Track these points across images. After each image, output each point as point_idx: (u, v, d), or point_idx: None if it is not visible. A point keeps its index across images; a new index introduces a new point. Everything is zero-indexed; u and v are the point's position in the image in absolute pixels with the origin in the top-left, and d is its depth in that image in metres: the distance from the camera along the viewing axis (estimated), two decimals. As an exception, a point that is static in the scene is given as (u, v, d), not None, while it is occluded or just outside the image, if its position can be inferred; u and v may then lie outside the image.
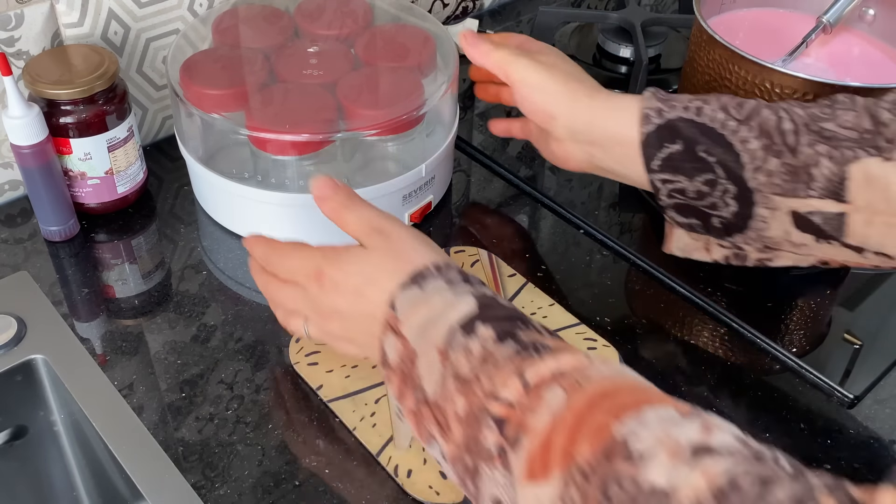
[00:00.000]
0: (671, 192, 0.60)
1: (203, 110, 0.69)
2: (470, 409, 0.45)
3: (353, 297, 0.53)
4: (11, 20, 0.70)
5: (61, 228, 0.73)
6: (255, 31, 0.77)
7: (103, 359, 0.65)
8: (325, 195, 0.56)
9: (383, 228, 0.54)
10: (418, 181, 0.73)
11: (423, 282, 0.50)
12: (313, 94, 0.70)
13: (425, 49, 0.76)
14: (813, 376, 0.66)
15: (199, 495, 0.56)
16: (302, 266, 0.55)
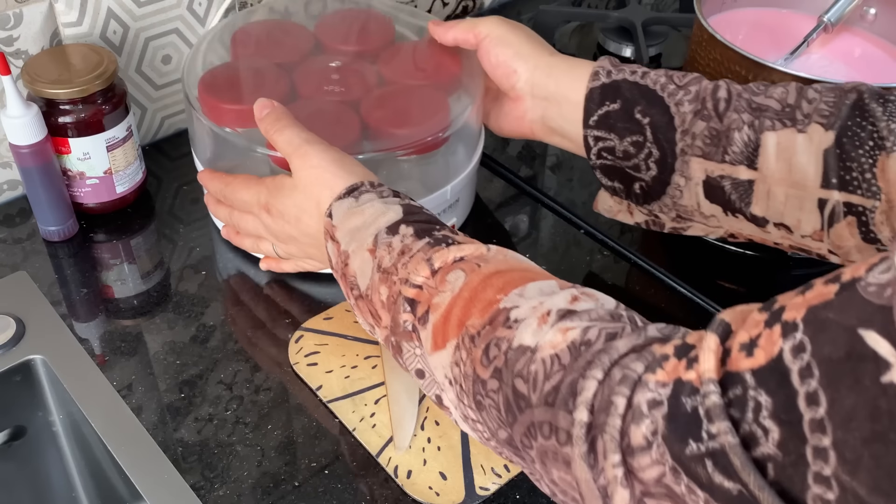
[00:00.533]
0: (601, 151, 0.63)
1: (221, 126, 0.67)
2: (390, 294, 0.51)
3: (296, 222, 0.60)
4: (10, 19, 0.70)
5: (60, 228, 0.73)
6: (275, 45, 0.75)
7: (102, 359, 0.64)
8: (260, 116, 0.62)
9: (308, 152, 0.58)
10: (443, 203, 0.71)
11: (357, 194, 0.56)
12: (335, 111, 0.69)
13: (451, 66, 0.73)
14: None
15: (198, 496, 0.55)
16: (251, 199, 0.62)
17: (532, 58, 0.66)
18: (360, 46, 0.76)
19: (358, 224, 0.54)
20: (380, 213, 0.54)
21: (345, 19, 0.80)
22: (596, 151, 0.63)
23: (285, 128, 0.60)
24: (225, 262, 0.73)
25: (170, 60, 0.82)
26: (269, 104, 0.62)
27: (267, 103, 0.62)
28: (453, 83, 0.73)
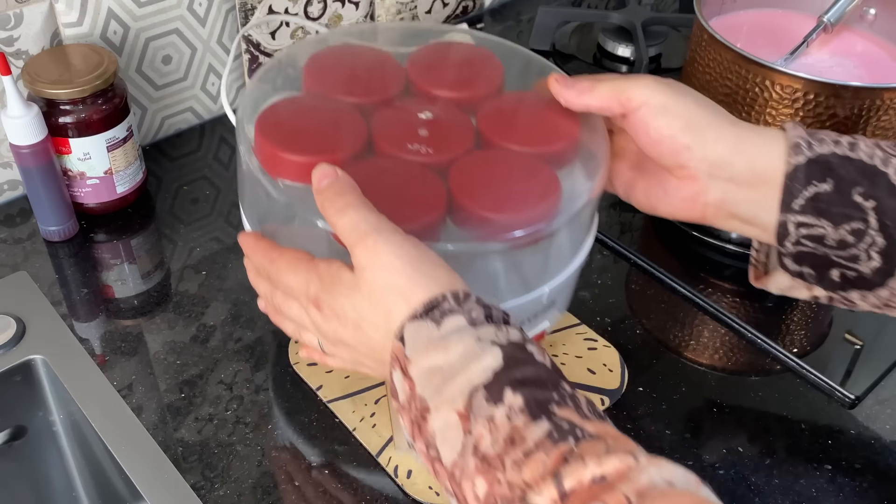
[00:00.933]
0: (803, 239, 0.51)
1: (276, 177, 0.53)
2: (491, 494, 0.39)
3: (354, 330, 0.46)
4: (10, 20, 0.70)
5: (60, 228, 0.73)
6: (355, 80, 0.60)
7: (102, 359, 0.64)
8: (318, 187, 0.48)
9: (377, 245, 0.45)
10: (535, 307, 0.56)
11: (438, 315, 0.43)
12: (418, 178, 0.53)
13: (568, 128, 0.57)
14: (814, 377, 0.65)
15: (198, 496, 0.56)
16: (299, 287, 0.48)
17: (709, 130, 0.52)
18: (459, 93, 0.60)
19: (441, 364, 0.42)
20: (472, 357, 0.41)
21: (444, 55, 0.64)
22: (795, 239, 0.51)
23: (349, 208, 0.46)
24: (224, 262, 0.73)
25: (170, 60, 0.82)
26: (331, 172, 0.48)
27: (329, 171, 0.48)
28: (569, 152, 0.57)
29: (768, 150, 0.51)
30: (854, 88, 0.66)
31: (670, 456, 0.59)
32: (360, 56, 0.63)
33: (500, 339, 0.42)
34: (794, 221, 0.51)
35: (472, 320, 0.43)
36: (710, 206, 0.54)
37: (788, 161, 0.50)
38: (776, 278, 0.56)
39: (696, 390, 0.64)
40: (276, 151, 0.53)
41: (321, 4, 0.90)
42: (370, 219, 0.46)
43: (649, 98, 0.52)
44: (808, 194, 0.50)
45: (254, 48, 0.87)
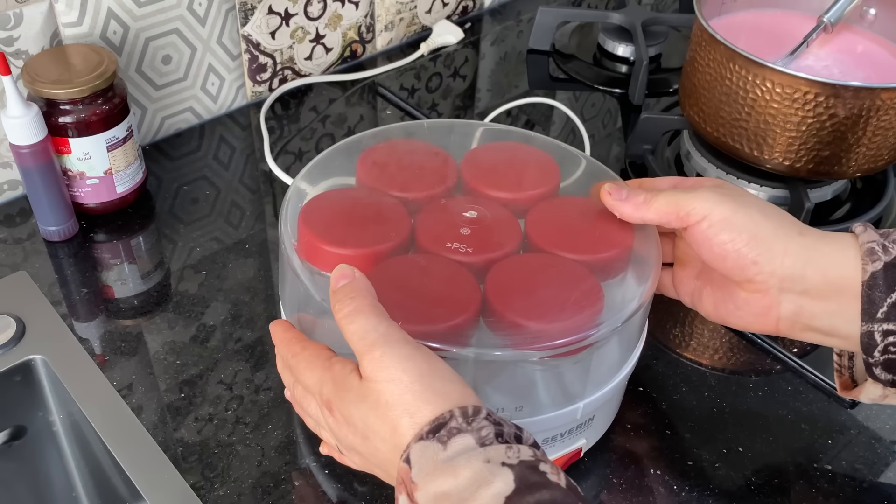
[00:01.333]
0: (891, 346, 0.48)
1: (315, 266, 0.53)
2: None
3: (363, 440, 0.45)
4: (10, 19, 0.70)
5: (60, 228, 0.73)
6: (407, 175, 0.59)
7: (102, 359, 0.64)
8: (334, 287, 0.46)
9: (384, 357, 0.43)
10: (570, 423, 0.54)
11: (445, 435, 0.40)
12: (453, 277, 0.52)
13: (620, 240, 0.55)
14: (814, 376, 0.65)
15: (198, 496, 0.56)
16: (314, 386, 0.47)
17: (777, 242, 0.49)
18: (510, 193, 0.58)
19: (449, 490, 0.39)
20: (481, 482, 0.38)
21: (501, 155, 0.62)
22: (883, 347, 0.49)
23: (359, 314, 0.44)
24: (224, 262, 0.73)
25: (170, 60, 0.82)
26: (348, 273, 0.47)
27: (347, 272, 0.47)
28: (619, 262, 0.55)
29: (841, 258, 0.49)
30: (854, 88, 0.66)
31: (670, 456, 0.59)
32: (416, 152, 0.62)
33: (510, 460, 0.39)
34: (880, 330, 0.48)
35: (480, 440, 0.40)
36: (783, 320, 0.51)
37: (864, 269, 0.48)
38: (867, 389, 0.53)
39: (696, 390, 0.64)
40: (314, 241, 0.53)
41: (321, 4, 0.90)
42: (379, 327, 0.44)
43: (710, 212, 0.50)
44: (892, 300, 0.48)
45: (254, 48, 0.87)
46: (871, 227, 0.50)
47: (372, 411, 0.43)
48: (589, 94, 0.95)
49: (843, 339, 0.51)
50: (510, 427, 0.41)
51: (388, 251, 0.53)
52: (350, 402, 0.44)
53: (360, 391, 0.44)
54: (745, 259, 0.50)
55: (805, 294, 0.50)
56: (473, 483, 0.38)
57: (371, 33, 0.98)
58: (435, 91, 0.95)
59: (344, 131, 0.88)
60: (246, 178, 0.82)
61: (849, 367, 0.55)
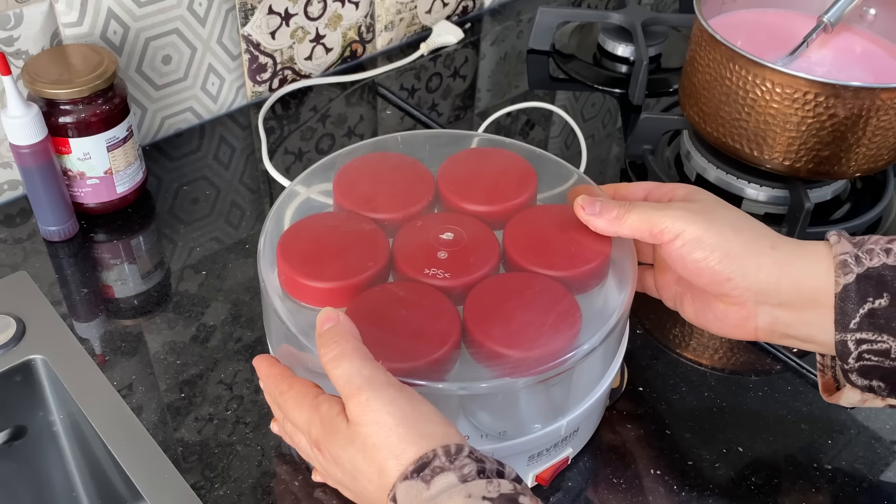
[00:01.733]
0: (865, 353, 0.49)
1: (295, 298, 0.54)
2: None
3: (351, 480, 0.46)
4: (10, 19, 0.70)
5: (60, 228, 0.73)
6: (383, 194, 0.59)
7: (102, 359, 0.64)
8: (320, 331, 0.47)
9: (369, 402, 0.44)
10: (553, 440, 0.55)
11: (429, 474, 0.41)
12: (432, 305, 0.52)
13: (596, 251, 0.55)
14: (814, 376, 0.65)
15: (198, 496, 0.56)
16: (302, 425, 0.48)
17: (749, 258, 0.50)
18: (487, 206, 0.58)
19: None
20: None
21: (476, 163, 0.62)
22: (857, 355, 0.49)
23: (344, 358, 0.45)
24: (224, 262, 0.73)
25: (170, 60, 0.82)
26: (333, 316, 0.47)
27: (332, 315, 0.47)
28: (596, 276, 0.55)
29: (814, 270, 0.50)
30: (854, 88, 0.66)
31: (670, 456, 0.59)
32: (391, 166, 0.62)
33: (490, 493, 0.40)
34: (853, 339, 0.49)
35: (462, 477, 0.41)
36: (761, 329, 0.53)
37: (837, 281, 0.49)
38: (846, 394, 0.54)
39: (696, 390, 0.64)
40: (293, 276, 0.53)
41: (321, 4, 0.90)
42: (364, 371, 0.45)
43: (682, 231, 0.50)
44: (864, 311, 0.48)
45: (254, 48, 0.87)
46: (845, 237, 0.50)
47: (359, 453, 0.44)
48: (589, 94, 0.95)
49: (820, 345, 0.52)
50: (492, 463, 0.43)
51: (366, 281, 0.53)
52: (338, 444, 0.45)
53: (347, 434, 0.45)
54: (720, 276, 0.51)
55: (780, 306, 0.51)
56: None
57: (371, 33, 0.98)
58: (435, 91, 0.95)
59: (344, 131, 0.88)
60: (246, 178, 0.82)
61: (831, 367, 0.56)
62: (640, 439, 0.61)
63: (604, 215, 0.53)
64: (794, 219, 0.73)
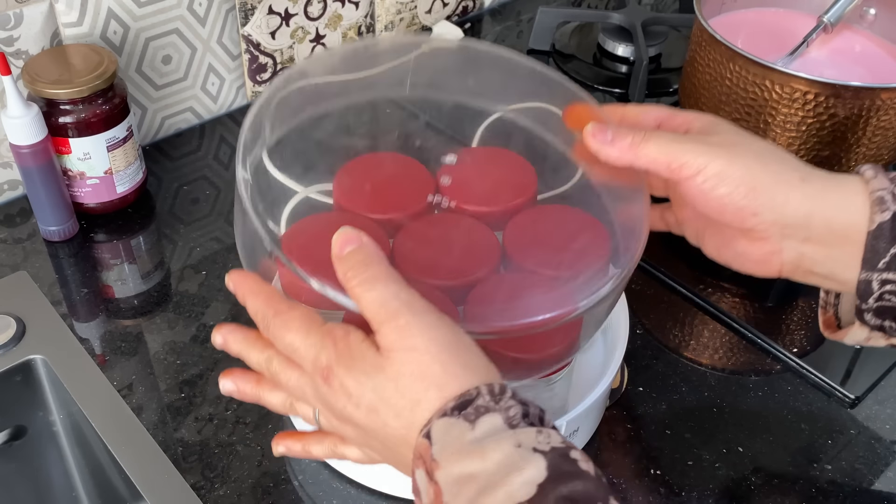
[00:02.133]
0: (886, 294, 0.47)
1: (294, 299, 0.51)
2: None
3: (368, 412, 0.41)
4: (10, 19, 0.70)
5: (60, 228, 0.73)
6: (382, 193, 0.58)
7: (102, 359, 0.64)
8: (340, 253, 0.43)
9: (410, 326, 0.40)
10: None
11: (472, 413, 0.38)
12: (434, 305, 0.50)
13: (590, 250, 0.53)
14: (814, 376, 0.65)
15: (198, 495, 0.55)
16: (307, 353, 0.42)
17: (778, 192, 0.47)
18: (486, 206, 0.57)
19: (475, 472, 0.36)
20: (512, 467, 0.36)
21: (474, 162, 0.61)
22: (878, 295, 0.47)
23: (377, 281, 0.41)
24: (224, 262, 0.73)
25: (170, 60, 0.82)
26: (355, 238, 0.43)
27: (353, 236, 0.43)
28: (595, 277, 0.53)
29: (847, 206, 0.47)
30: (854, 88, 0.66)
31: (670, 456, 0.59)
32: (390, 168, 0.61)
33: (541, 446, 0.37)
34: (878, 279, 0.46)
35: (508, 420, 0.38)
36: (786, 265, 0.50)
37: (872, 218, 0.46)
38: (853, 332, 0.51)
39: (696, 390, 0.64)
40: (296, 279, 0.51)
41: (321, 4, 0.90)
42: (401, 295, 0.41)
43: (705, 166, 0.47)
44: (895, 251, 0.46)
45: (254, 48, 0.87)
46: (881, 173, 0.47)
47: (390, 383, 0.40)
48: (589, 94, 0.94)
49: (840, 283, 0.49)
50: (535, 408, 0.39)
51: None
52: (360, 372, 0.40)
53: (375, 362, 0.40)
54: (745, 211, 0.47)
55: (808, 241, 0.48)
56: (503, 467, 0.36)
57: (371, 33, 0.98)
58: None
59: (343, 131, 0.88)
60: (246, 178, 0.82)
61: (834, 305, 0.54)
62: (640, 439, 0.61)
63: (616, 143, 0.48)
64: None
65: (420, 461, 0.39)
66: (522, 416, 0.38)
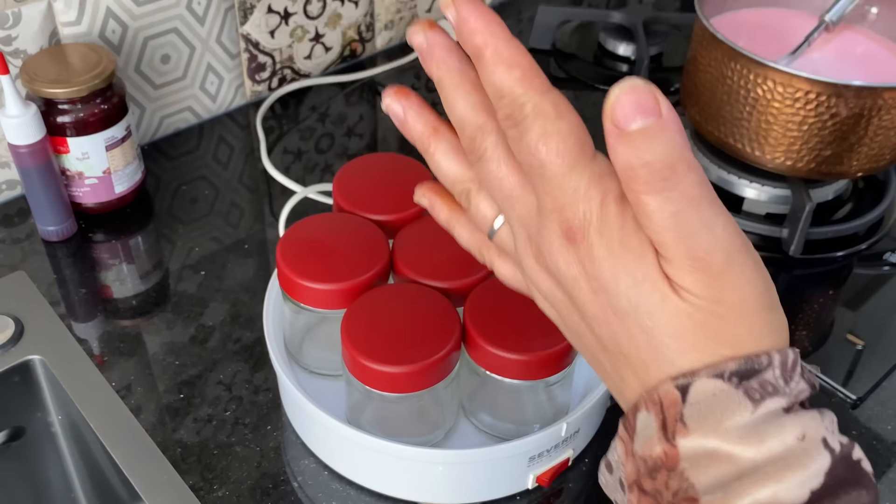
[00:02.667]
0: None
1: (295, 300, 0.55)
2: None
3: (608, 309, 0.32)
4: (9, 18, 0.70)
5: (59, 228, 0.73)
6: (383, 194, 0.59)
7: (101, 359, 0.64)
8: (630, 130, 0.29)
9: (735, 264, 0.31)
10: (553, 441, 0.54)
11: (756, 390, 0.30)
12: (432, 306, 0.52)
13: None
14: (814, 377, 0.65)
15: (197, 497, 0.55)
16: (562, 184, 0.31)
17: None
18: None
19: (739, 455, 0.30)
20: (792, 463, 0.30)
21: None
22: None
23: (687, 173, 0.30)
24: (223, 262, 0.73)
25: (169, 60, 0.82)
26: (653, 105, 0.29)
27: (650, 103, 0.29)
28: None
29: None
30: (856, 88, 0.66)
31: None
32: (390, 168, 0.62)
33: (831, 443, 0.31)
34: None
35: (791, 403, 0.31)
36: None
37: None
38: None
39: (697, 391, 0.64)
40: (294, 277, 0.53)
41: (320, 3, 0.90)
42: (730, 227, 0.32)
43: None
44: None
45: (253, 47, 0.87)
46: None
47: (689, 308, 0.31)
48: (590, 93, 0.94)
49: None
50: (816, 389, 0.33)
51: (366, 282, 0.53)
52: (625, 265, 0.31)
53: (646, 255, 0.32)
54: None
55: None
56: (780, 460, 0.30)
57: (371, 32, 0.98)
58: (435, 90, 0.94)
59: (343, 131, 0.88)
60: (245, 178, 0.82)
61: None
62: (641, 440, 0.60)
63: None
64: (795, 219, 0.73)
65: (656, 407, 0.31)
66: (809, 387, 0.32)
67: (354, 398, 0.55)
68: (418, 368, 0.49)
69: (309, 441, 0.58)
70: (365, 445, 0.53)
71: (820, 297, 0.72)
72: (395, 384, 0.50)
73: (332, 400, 0.55)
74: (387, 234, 0.57)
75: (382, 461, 0.54)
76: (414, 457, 0.52)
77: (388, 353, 0.49)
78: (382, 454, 0.53)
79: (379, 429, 0.54)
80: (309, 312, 0.55)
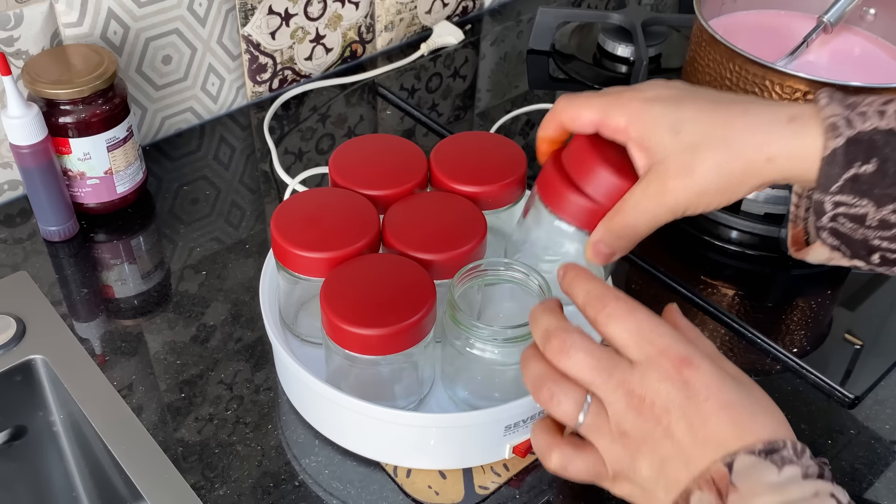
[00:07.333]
0: (839, 217, 0.48)
1: (287, 268, 0.58)
2: None
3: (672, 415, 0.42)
4: (11, 20, 0.70)
5: (60, 228, 0.73)
6: (376, 172, 0.62)
7: (102, 359, 0.64)
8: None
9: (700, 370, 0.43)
10: (528, 411, 0.56)
11: (779, 460, 0.40)
12: (409, 276, 0.55)
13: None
14: (814, 376, 0.65)
15: (198, 496, 0.56)
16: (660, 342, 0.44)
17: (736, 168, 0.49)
18: (475, 187, 0.61)
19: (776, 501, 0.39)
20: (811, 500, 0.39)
21: (468, 146, 0.65)
22: (831, 216, 0.48)
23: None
24: (225, 262, 0.73)
25: (170, 61, 0.82)
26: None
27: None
28: None
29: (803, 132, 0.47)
30: (854, 89, 0.66)
31: (670, 456, 0.59)
32: (384, 148, 0.65)
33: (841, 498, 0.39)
34: (831, 201, 0.47)
35: (806, 474, 0.40)
36: None
37: (826, 145, 0.46)
38: (815, 251, 0.53)
39: (695, 390, 0.64)
40: (287, 246, 0.56)
41: (321, 4, 0.90)
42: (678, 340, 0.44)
43: None
44: (848, 175, 0.46)
45: (254, 48, 0.87)
46: (836, 100, 0.47)
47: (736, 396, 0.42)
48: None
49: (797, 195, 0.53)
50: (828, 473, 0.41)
51: (356, 252, 0.56)
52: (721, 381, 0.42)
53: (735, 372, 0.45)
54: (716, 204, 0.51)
55: None
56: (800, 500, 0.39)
57: (371, 33, 0.98)
58: (435, 91, 0.95)
59: (344, 131, 0.88)
60: (246, 179, 0.82)
61: (804, 220, 0.54)
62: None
63: None
64: (794, 219, 0.73)
65: (709, 484, 0.40)
66: (818, 476, 0.40)
67: (335, 363, 0.57)
68: (393, 331, 0.52)
69: (297, 405, 0.60)
70: (345, 406, 0.55)
71: (818, 296, 0.72)
72: (371, 346, 0.53)
73: (322, 367, 0.58)
74: (378, 209, 0.59)
75: (361, 422, 0.56)
76: (392, 419, 0.55)
77: (364, 317, 0.52)
78: (362, 416, 0.55)
79: (359, 394, 0.55)
80: (304, 284, 0.58)
